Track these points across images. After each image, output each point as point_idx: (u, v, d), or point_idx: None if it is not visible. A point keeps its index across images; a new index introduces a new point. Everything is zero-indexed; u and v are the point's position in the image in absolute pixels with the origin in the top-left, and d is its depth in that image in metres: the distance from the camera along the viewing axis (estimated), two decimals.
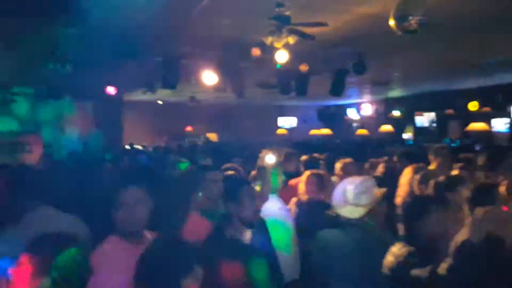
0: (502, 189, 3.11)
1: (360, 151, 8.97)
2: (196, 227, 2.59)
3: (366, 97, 17.67)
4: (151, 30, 6.07)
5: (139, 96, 13.21)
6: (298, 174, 4.31)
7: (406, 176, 3.78)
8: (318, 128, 16.53)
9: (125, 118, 14.23)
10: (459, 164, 3.66)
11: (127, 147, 12.56)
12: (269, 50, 6.75)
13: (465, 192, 2.27)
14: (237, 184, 2.64)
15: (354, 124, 18.73)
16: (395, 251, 2.28)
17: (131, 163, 6.56)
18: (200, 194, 2.92)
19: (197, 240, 2.27)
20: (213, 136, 17.72)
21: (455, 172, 3.71)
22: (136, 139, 14.55)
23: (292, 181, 4.11)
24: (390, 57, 8.52)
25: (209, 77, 7.20)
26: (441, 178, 3.02)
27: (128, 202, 2.11)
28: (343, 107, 19.21)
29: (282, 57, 6.71)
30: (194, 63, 7.27)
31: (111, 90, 9.92)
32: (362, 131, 15.30)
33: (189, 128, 18.54)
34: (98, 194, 3.26)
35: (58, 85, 9.88)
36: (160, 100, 15.77)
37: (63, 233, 1.83)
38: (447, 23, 5.87)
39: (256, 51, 6.42)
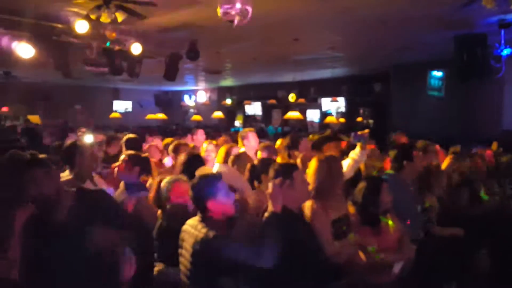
0: (298, 161, 3.80)
1: None
2: None
3: (201, 85, 18.31)
4: None
5: None
6: None
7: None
8: (154, 113, 16.42)
9: None
10: (266, 144, 4.25)
11: None
12: (97, 26, 6.40)
13: (271, 172, 2.56)
14: None
15: (191, 110, 19.20)
16: (199, 236, 2.25)
17: None
18: None
19: None
20: (35, 119, 15.77)
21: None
22: None
23: (114, 165, 4.05)
24: (221, 47, 9.02)
25: (24, 49, 6.35)
26: (255, 161, 3.48)
27: None
28: (180, 93, 19.49)
29: (111, 34, 6.48)
30: (5, 31, 6.36)
31: None
32: (197, 117, 15.88)
33: (4, 109, 16.12)
34: None
35: None
36: None
37: None
38: (262, 19, 6.53)
39: (81, 25, 6.02)
